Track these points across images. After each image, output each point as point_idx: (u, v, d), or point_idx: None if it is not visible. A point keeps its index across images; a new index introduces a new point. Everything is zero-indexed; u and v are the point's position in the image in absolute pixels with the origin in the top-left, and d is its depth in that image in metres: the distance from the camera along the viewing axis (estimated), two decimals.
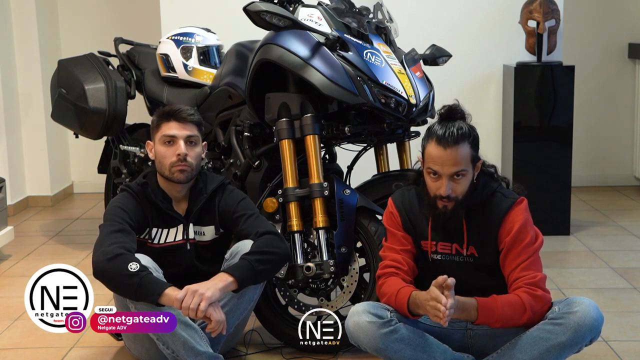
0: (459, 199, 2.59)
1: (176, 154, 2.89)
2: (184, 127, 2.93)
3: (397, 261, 2.68)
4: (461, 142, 2.56)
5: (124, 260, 2.63)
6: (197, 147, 2.97)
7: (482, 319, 2.50)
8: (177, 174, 2.91)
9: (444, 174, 2.57)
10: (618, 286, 3.94)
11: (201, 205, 2.97)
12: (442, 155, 2.55)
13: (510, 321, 2.52)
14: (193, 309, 2.56)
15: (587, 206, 5.64)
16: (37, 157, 5.98)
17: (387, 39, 3.31)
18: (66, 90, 4.34)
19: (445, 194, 2.57)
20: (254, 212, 2.98)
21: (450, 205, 2.59)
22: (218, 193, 3.01)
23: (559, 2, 4.90)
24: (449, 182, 2.57)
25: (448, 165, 2.55)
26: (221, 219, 2.99)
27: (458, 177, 2.57)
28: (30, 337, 3.42)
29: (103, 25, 6.21)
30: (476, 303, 2.50)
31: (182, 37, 4.20)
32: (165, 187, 2.96)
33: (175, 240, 2.95)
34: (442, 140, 2.56)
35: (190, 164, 2.92)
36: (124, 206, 2.89)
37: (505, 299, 2.52)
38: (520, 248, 2.58)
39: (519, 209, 2.63)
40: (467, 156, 2.58)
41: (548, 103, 4.90)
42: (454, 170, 2.56)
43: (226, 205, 2.99)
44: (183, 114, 2.94)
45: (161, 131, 2.94)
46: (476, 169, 2.64)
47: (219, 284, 2.65)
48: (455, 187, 2.58)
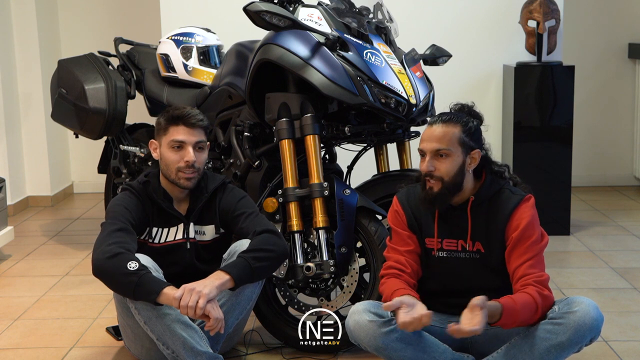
0: (444, 180, 2.60)
1: (184, 160, 2.89)
2: (192, 133, 2.91)
3: (400, 263, 2.68)
4: (450, 123, 2.62)
5: (123, 259, 2.63)
6: (205, 153, 2.97)
7: (504, 320, 2.46)
8: (183, 180, 2.91)
9: (426, 150, 2.61)
10: (618, 286, 3.94)
11: (202, 205, 2.97)
12: (427, 132, 2.63)
13: (526, 322, 2.51)
14: (192, 307, 2.55)
15: (587, 206, 5.64)
16: (37, 157, 5.98)
17: (387, 39, 3.31)
18: (66, 90, 4.34)
19: (425, 170, 2.60)
20: (254, 210, 2.98)
21: (435, 187, 2.61)
22: (219, 192, 3.01)
23: (559, 2, 4.90)
24: (431, 159, 2.60)
25: (430, 141, 2.60)
26: (221, 218, 2.99)
27: (441, 156, 2.60)
28: (30, 337, 3.42)
29: (103, 25, 6.21)
30: (501, 307, 2.45)
31: (182, 37, 4.20)
32: (167, 187, 2.97)
33: (175, 239, 2.95)
34: (433, 120, 2.65)
35: (198, 169, 2.92)
36: (126, 205, 2.89)
37: (521, 300, 2.48)
38: (527, 245, 2.58)
39: (526, 205, 2.64)
40: (454, 138, 2.60)
41: (548, 103, 4.90)
42: (435, 147, 2.59)
43: (226, 203, 2.99)
44: (192, 120, 2.91)
45: (169, 135, 2.91)
46: (471, 159, 2.64)
47: (216, 282, 2.65)
48: (438, 166, 2.60)
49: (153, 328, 2.69)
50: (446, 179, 2.60)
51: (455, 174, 2.61)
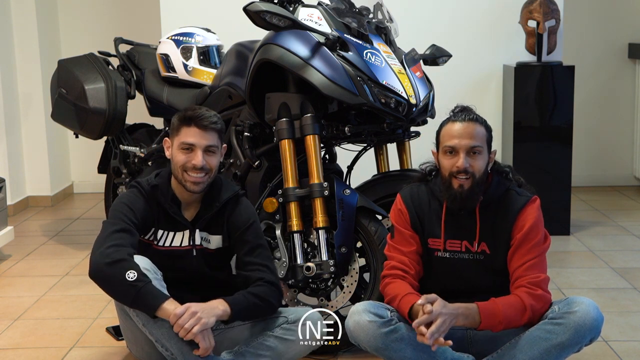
0: (476, 176, 2.59)
1: (192, 163, 2.80)
2: (204, 136, 2.81)
3: (404, 264, 2.67)
4: (477, 122, 2.63)
5: (123, 267, 2.59)
6: (216, 156, 2.86)
7: (485, 322, 2.48)
8: (190, 184, 2.81)
9: (460, 147, 2.59)
10: (618, 286, 3.94)
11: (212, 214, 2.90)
12: (459, 128, 2.60)
13: (513, 322, 2.51)
14: (186, 330, 2.55)
15: (587, 206, 5.64)
16: (37, 157, 5.98)
17: (387, 39, 3.31)
18: (66, 90, 4.34)
19: (462, 167, 2.57)
20: (261, 242, 2.90)
21: (467, 185, 2.59)
22: (230, 203, 2.93)
23: (559, 2, 4.90)
24: (466, 156, 2.58)
25: (465, 137, 2.59)
26: (228, 231, 2.92)
27: (474, 153, 2.59)
28: (30, 337, 3.42)
29: (103, 25, 6.21)
30: (477, 308, 2.49)
31: (182, 37, 4.20)
32: (177, 189, 2.88)
33: (181, 245, 2.88)
34: (459, 117, 2.63)
35: (208, 172, 2.83)
36: (131, 204, 2.81)
37: (504, 301, 2.52)
38: (530, 246, 2.59)
39: (532, 207, 2.64)
40: (482, 135, 2.62)
41: (548, 103, 4.90)
42: (471, 144, 2.58)
43: (236, 221, 2.90)
44: (205, 122, 2.81)
45: (180, 136, 2.83)
46: (490, 159, 2.66)
47: (218, 312, 2.63)
48: (472, 162, 2.59)
49: (151, 330, 2.67)
50: (478, 176, 2.60)
51: (484, 173, 2.62)
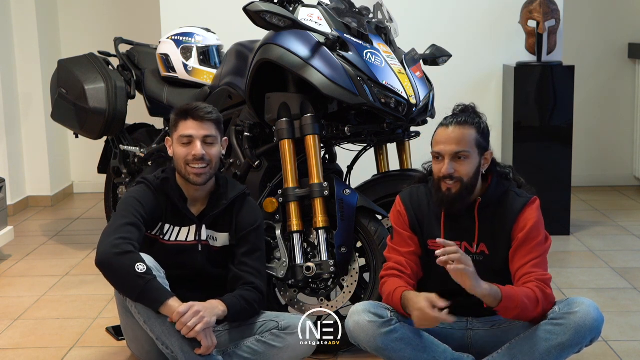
0: (463, 180, 2.60)
1: (192, 154, 2.84)
2: (201, 127, 2.87)
3: (400, 264, 2.68)
4: (465, 125, 2.62)
5: (132, 259, 2.62)
6: (215, 147, 2.90)
7: (505, 302, 2.46)
8: (192, 176, 2.85)
9: (445, 153, 2.60)
10: (618, 286, 3.94)
11: (219, 211, 2.93)
12: (444, 134, 2.61)
13: (526, 311, 2.50)
14: (189, 327, 2.58)
15: (587, 206, 5.64)
16: (37, 157, 5.98)
17: (387, 39, 3.31)
18: (66, 90, 4.34)
19: (446, 172, 2.59)
20: (261, 246, 2.95)
21: (454, 188, 2.60)
22: (237, 202, 2.97)
23: (559, 2, 4.90)
24: (451, 162, 2.59)
25: (449, 143, 2.59)
26: (236, 229, 2.95)
27: (460, 158, 2.59)
28: (30, 337, 3.42)
29: (103, 25, 6.21)
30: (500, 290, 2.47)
31: (182, 37, 4.20)
32: (183, 186, 2.92)
33: (187, 240, 2.91)
34: (447, 122, 2.64)
35: (209, 161, 2.86)
36: (141, 198, 2.85)
37: (522, 290, 2.50)
38: (532, 245, 2.59)
39: (532, 207, 2.64)
40: (470, 139, 2.61)
41: (548, 103, 4.90)
42: (455, 150, 2.59)
43: (243, 220, 2.94)
44: (200, 113, 2.87)
45: (179, 131, 2.89)
46: (485, 160, 2.65)
47: (218, 312, 2.68)
48: (457, 168, 2.59)
49: (153, 328, 2.69)
50: (466, 180, 2.60)
51: (473, 175, 2.62)
